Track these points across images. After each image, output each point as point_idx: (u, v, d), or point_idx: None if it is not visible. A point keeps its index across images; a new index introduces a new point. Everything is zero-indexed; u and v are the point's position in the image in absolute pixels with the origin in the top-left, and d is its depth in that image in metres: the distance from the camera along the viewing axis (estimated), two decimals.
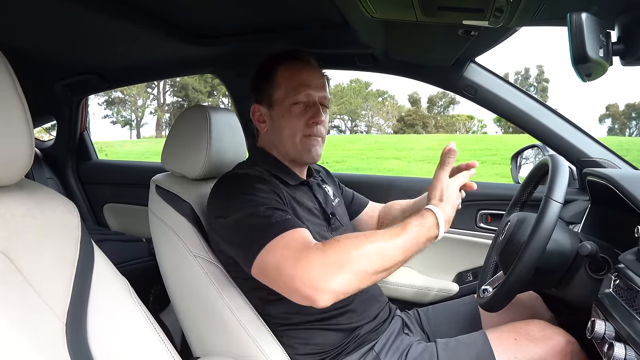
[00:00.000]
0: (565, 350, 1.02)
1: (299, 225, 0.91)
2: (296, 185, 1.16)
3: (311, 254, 0.82)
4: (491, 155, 15.46)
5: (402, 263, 0.88)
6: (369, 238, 0.86)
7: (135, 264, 1.86)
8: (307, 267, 0.81)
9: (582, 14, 0.62)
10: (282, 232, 0.87)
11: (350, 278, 0.82)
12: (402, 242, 0.87)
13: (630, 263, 0.88)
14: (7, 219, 0.71)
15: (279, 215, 0.91)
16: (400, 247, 0.87)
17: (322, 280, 0.80)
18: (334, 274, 0.80)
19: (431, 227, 0.91)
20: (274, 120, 1.15)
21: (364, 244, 0.84)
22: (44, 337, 0.68)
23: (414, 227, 0.89)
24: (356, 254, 0.83)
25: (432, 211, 0.93)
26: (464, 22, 0.95)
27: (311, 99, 1.12)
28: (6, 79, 0.68)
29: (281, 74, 1.14)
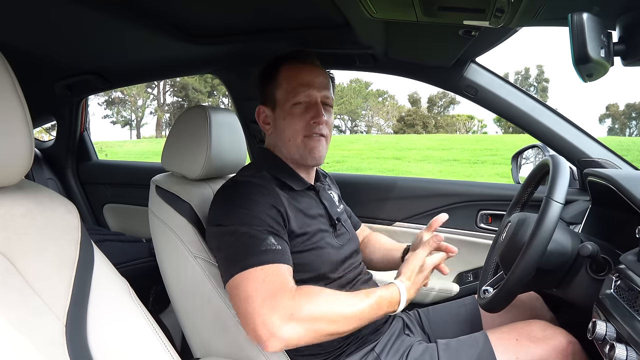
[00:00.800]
0: (567, 350, 1.02)
1: (284, 261, 0.94)
2: (303, 190, 1.15)
3: (283, 297, 0.87)
4: (491, 155, 15.47)
5: (354, 329, 0.95)
6: (337, 299, 0.93)
7: (135, 265, 1.86)
8: (273, 309, 0.86)
9: (583, 14, 0.62)
10: (266, 263, 0.90)
11: (306, 335, 0.87)
12: (364, 312, 0.94)
13: (631, 264, 0.88)
14: (7, 220, 0.71)
15: (270, 243, 0.93)
16: (360, 317, 0.93)
17: (280, 327, 0.85)
18: (293, 326, 0.86)
19: (392, 304, 0.99)
20: (277, 122, 1.15)
21: (330, 305, 0.91)
22: (44, 338, 0.68)
23: (379, 299, 0.96)
24: (321, 313, 0.89)
25: (397, 288, 1.00)
26: (465, 22, 0.95)
27: (312, 98, 1.11)
28: (6, 79, 0.68)
29: (283, 75, 1.13)
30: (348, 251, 1.16)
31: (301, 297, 0.88)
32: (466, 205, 1.68)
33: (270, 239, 0.94)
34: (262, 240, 0.93)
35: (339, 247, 1.13)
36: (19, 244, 0.71)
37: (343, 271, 1.12)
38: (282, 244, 0.96)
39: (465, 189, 1.71)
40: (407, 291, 1.00)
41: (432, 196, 1.72)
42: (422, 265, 1.04)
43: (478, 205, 1.67)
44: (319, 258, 1.07)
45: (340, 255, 1.12)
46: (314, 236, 1.07)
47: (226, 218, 0.99)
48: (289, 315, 0.86)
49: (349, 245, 1.17)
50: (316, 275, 1.06)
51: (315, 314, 0.88)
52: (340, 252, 1.13)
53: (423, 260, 1.04)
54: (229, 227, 0.97)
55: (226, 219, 0.99)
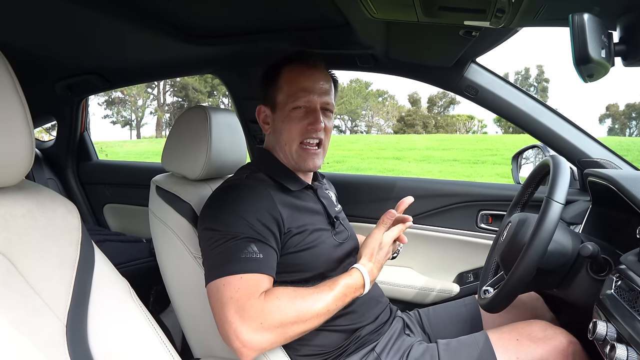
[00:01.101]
0: (567, 350, 1.02)
1: (263, 270, 0.94)
2: (300, 190, 1.15)
3: (253, 306, 0.88)
4: (491, 156, 15.46)
5: (325, 320, 0.95)
6: (303, 301, 0.92)
7: (136, 265, 1.86)
8: (244, 319, 0.87)
9: (584, 14, 0.62)
10: (244, 272, 0.91)
11: (277, 341, 0.90)
12: (331, 303, 0.95)
13: (631, 264, 0.88)
14: (8, 220, 0.71)
15: (251, 251, 0.94)
16: (327, 309, 0.94)
17: (251, 338, 0.86)
18: (263, 334, 0.87)
19: (358, 288, 0.99)
20: (276, 123, 1.15)
21: (298, 307, 0.91)
22: (45, 338, 0.68)
23: (343, 288, 0.97)
24: (289, 318, 0.89)
25: (360, 272, 1.00)
26: (466, 22, 0.95)
27: (312, 104, 1.11)
28: (6, 79, 0.68)
29: (284, 77, 1.13)
30: (346, 249, 1.16)
31: (270, 303, 0.89)
32: (466, 206, 1.68)
33: (252, 247, 0.94)
34: (244, 247, 0.94)
35: (337, 245, 1.13)
36: (20, 244, 0.71)
37: (342, 269, 1.12)
38: (265, 250, 0.96)
39: (466, 189, 1.71)
40: (370, 272, 1.01)
41: (433, 196, 1.72)
42: (380, 243, 1.04)
43: (478, 205, 1.67)
44: (318, 256, 1.07)
45: (338, 253, 1.12)
46: (312, 234, 1.07)
47: (214, 222, 0.99)
48: (258, 324, 0.87)
49: (347, 243, 1.17)
50: (315, 274, 1.06)
51: (284, 319, 0.89)
52: (339, 250, 1.13)
53: (380, 239, 1.04)
54: (215, 231, 0.97)
55: (214, 222, 0.99)
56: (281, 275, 1.02)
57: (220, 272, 0.92)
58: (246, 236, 0.95)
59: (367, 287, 1.00)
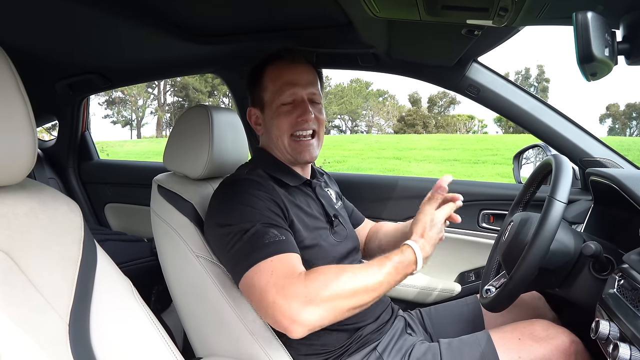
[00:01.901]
0: (569, 350, 1.02)
1: (290, 249, 0.93)
2: (298, 186, 1.15)
3: (294, 284, 0.86)
4: (492, 155, 15.45)
5: (377, 298, 0.93)
6: (350, 275, 0.89)
7: (137, 264, 1.86)
8: (288, 297, 0.84)
9: (588, 13, 0.61)
10: (272, 255, 0.90)
11: (327, 314, 0.86)
12: (381, 278, 0.91)
13: (634, 263, 0.88)
14: (10, 219, 0.71)
15: (273, 235, 0.93)
16: (378, 284, 0.91)
17: (299, 313, 0.84)
18: (312, 309, 0.84)
19: (409, 264, 0.96)
20: (266, 122, 1.16)
21: (344, 282, 0.88)
22: (47, 337, 0.68)
23: (393, 264, 0.94)
24: (336, 291, 0.86)
25: (411, 248, 0.97)
26: (468, 21, 0.95)
27: (298, 96, 1.12)
28: (9, 78, 0.68)
29: (268, 76, 1.14)
30: (346, 248, 1.16)
31: (314, 280, 0.87)
32: (468, 205, 1.68)
33: (272, 231, 0.94)
34: (265, 234, 0.93)
35: (335, 244, 1.13)
36: (22, 243, 0.71)
37: None
38: (285, 234, 0.96)
39: (467, 189, 1.71)
40: (422, 249, 0.97)
41: None
42: (432, 220, 1.00)
43: (480, 204, 1.67)
44: (316, 255, 1.07)
45: (337, 252, 1.12)
46: (311, 233, 1.07)
47: (226, 217, 0.99)
48: (306, 300, 0.84)
49: (346, 243, 1.17)
50: None
51: (333, 293, 0.86)
52: (337, 249, 1.13)
53: (432, 215, 1.01)
54: (230, 226, 0.97)
55: (226, 218, 0.99)
56: None
57: (249, 263, 0.90)
58: (263, 223, 0.95)
59: (419, 264, 0.96)
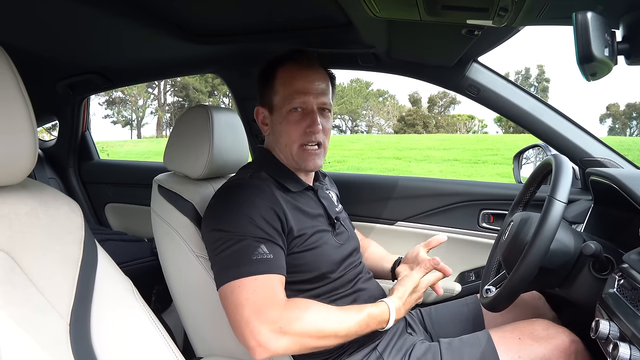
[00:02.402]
0: (569, 349, 1.02)
1: (276, 270, 0.95)
2: (301, 191, 1.15)
3: (271, 309, 0.89)
4: (492, 155, 15.45)
5: (341, 342, 0.96)
6: (324, 316, 0.94)
7: (138, 264, 1.86)
8: (262, 320, 0.88)
9: (588, 13, 0.62)
10: (258, 273, 0.92)
11: (293, 347, 0.90)
12: (352, 328, 0.95)
13: (634, 263, 0.88)
14: (11, 219, 0.71)
15: (262, 252, 0.94)
16: (347, 332, 0.95)
17: (267, 339, 0.87)
18: (280, 338, 0.88)
19: (382, 322, 1.00)
20: (274, 125, 1.15)
21: (317, 322, 0.92)
22: (48, 337, 0.68)
23: (367, 317, 0.97)
24: (307, 329, 0.90)
25: (388, 308, 1.01)
26: (468, 21, 0.95)
27: (308, 106, 1.10)
28: (10, 78, 0.68)
29: (279, 79, 1.12)
30: (347, 250, 1.16)
31: (291, 311, 0.91)
32: (468, 205, 1.68)
33: (262, 248, 0.95)
34: (255, 248, 0.94)
35: (338, 246, 1.13)
36: (23, 243, 0.71)
37: (343, 270, 1.12)
38: (274, 250, 0.97)
39: (467, 189, 1.71)
40: (397, 311, 1.01)
41: (434, 196, 1.72)
42: (416, 287, 1.05)
43: (480, 204, 1.67)
44: (319, 257, 1.07)
45: (339, 254, 1.12)
46: (312, 236, 1.07)
47: (221, 222, 0.99)
48: (277, 328, 0.88)
49: (348, 244, 1.17)
50: (316, 275, 1.07)
51: (304, 329, 0.90)
52: (340, 251, 1.13)
53: (418, 282, 1.05)
54: (223, 232, 0.97)
55: (221, 222, 0.99)
56: None
57: (234, 274, 0.92)
58: (255, 236, 0.96)
59: (390, 323, 1.00)
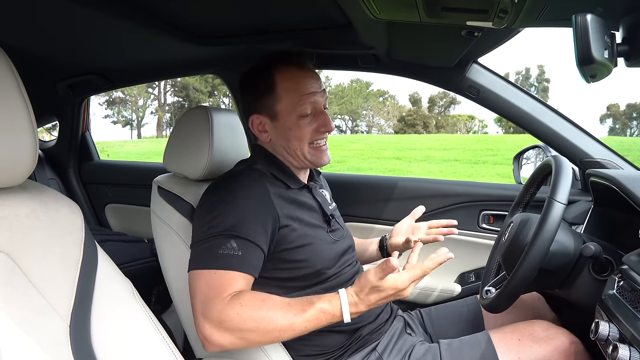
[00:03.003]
0: (569, 350, 1.02)
1: (239, 268, 0.93)
2: (297, 189, 1.15)
3: (214, 306, 0.88)
4: (492, 156, 15.44)
5: (293, 336, 0.91)
6: (267, 313, 0.89)
7: (137, 265, 1.86)
8: (205, 315, 0.89)
9: (587, 15, 0.62)
10: (217, 268, 0.92)
11: (238, 342, 0.89)
12: (298, 324, 0.90)
13: (634, 264, 0.88)
14: (12, 220, 0.71)
15: (230, 247, 0.93)
16: (294, 329, 0.90)
17: (210, 334, 0.88)
18: (222, 334, 0.88)
19: (335, 315, 0.91)
20: (280, 131, 1.11)
21: (260, 319, 0.88)
22: (48, 338, 0.68)
23: (317, 312, 0.90)
24: (249, 326, 0.88)
25: (339, 301, 0.92)
26: (468, 23, 0.95)
27: (318, 107, 1.11)
28: (10, 79, 0.68)
29: (281, 85, 1.08)
30: (343, 247, 1.16)
31: (231, 309, 0.88)
32: (468, 206, 1.68)
33: (231, 243, 0.93)
34: (223, 243, 0.93)
35: (333, 242, 1.13)
36: (23, 244, 0.71)
37: (339, 267, 1.12)
38: (247, 248, 0.94)
39: (467, 189, 1.71)
40: (353, 305, 0.91)
41: (434, 196, 1.72)
42: (373, 287, 0.90)
43: (480, 205, 1.67)
44: (314, 253, 1.07)
45: (335, 250, 1.12)
46: (308, 228, 1.07)
47: (204, 212, 1.01)
48: (218, 323, 0.88)
49: (343, 241, 1.17)
50: (312, 271, 1.06)
51: (244, 325, 0.87)
52: (335, 248, 1.13)
53: (372, 282, 0.89)
54: (203, 222, 0.99)
55: (204, 213, 1.01)
56: (278, 272, 1.03)
57: (197, 264, 0.94)
58: (230, 233, 0.94)
59: (346, 317, 0.91)
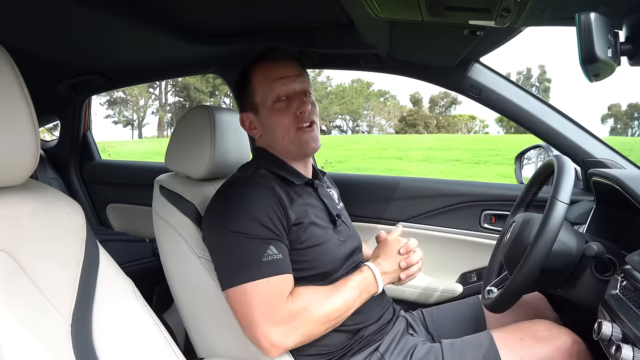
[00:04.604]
0: (572, 350, 1.01)
1: (285, 270, 0.97)
2: (301, 185, 1.15)
3: (279, 311, 0.93)
4: (493, 156, 15.45)
5: (345, 318, 1.01)
6: (328, 302, 0.98)
7: (139, 264, 1.86)
8: (273, 323, 0.92)
9: (591, 14, 0.62)
10: (267, 275, 0.94)
11: (303, 340, 0.96)
12: (351, 304, 1.01)
13: (637, 264, 0.88)
14: (13, 220, 0.71)
15: (271, 253, 0.96)
16: (348, 306, 1.00)
17: (280, 340, 0.92)
18: (290, 337, 0.93)
19: (371, 284, 1.05)
20: (264, 124, 1.14)
21: (323, 310, 0.96)
22: (50, 337, 0.69)
23: (358, 284, 1.03)
24: (315, 320, 0.95)
25: (370, 269, 1.07)
26: (470, 22, 0.95)
27: (290, 90, 1.11)
28: (12, 79, 0.68)
29: (255, 78, 1.13)
30: (350, 248, 1.16)
31: (298, 307, 0.94)
32: (470, 206, 1.68)
33: (271, 249, 0.96)
34: (264, 250, 0.95)
35: (340, 244, 1.13)
36: (25, 244, 0.71)
37: (346, 269, 1.12)
38: (282, 250, 0.98)
39: (469, 189, 1.71)
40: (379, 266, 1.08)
41: (436, 196, 1.72)
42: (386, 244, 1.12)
43: (482, 205, 1.67)
44: (322, 254, 1.07)
45: (342, 251, 1.12)
46: (315, 228, 1.07)
47: (226, 222, 0.99)
48: (287, 327, 0.92)
49: (350, 242, 1.17)
50: (319, 272, 1.06)
51: (312, 320, 0.95)
52: (342, 249, 1.13)
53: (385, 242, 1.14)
54: (230, 232, 0.97)
55: (226, 222, 0.99)
56: None
57: (244, 278, 0.94)
58: (263, 237, 0.96)
59: (380, 284, 1.06)
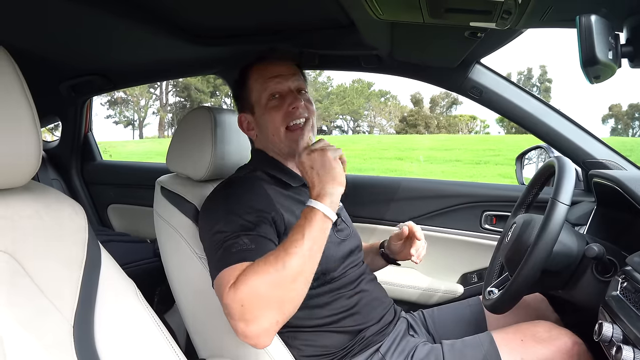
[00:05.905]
0: (572, 351, 1.01)
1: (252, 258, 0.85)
2: (299, 187, 1.15)
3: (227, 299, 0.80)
4: (494, 156, 15.44)
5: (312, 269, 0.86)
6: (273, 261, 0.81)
7: (140, 265, 1.87)
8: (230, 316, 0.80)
9: (591, 16, 0.62)
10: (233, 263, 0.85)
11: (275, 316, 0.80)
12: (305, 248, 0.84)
13: (637, 265, 0.88)
14: (15, 221, 0.71)
15: (242, 244, 0.89)
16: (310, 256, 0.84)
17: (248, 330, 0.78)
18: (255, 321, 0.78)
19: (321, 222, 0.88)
20: (258, 122, 1.16)
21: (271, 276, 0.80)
22: (52, 338, 0.69)
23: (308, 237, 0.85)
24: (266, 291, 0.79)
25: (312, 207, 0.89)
26: (471, 23, 0.95)
27: (284, 87, 1.12)
28: (14, 80, 0.68)
29: (251, 78, 1.16)
30: (349, 247, 1.15)
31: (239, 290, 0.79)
32: (470, 206, 1.68)
33: (242, 240, 0.90)
34: (235, 242, 0.90)
35: (338, 243, 1.13)
36: (27, 245, 0.71)
37: (344, 268, 1.12)
38: (260, 241, 0.91)
39: (470, 190, 1.71)
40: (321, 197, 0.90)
41: (437, 197, 1.72)
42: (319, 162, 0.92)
43: (482, 206, 1.67)
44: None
45: (341, 251, 1.12)
46: None
47: (211, 222, 0.99)
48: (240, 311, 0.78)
49: (349, 241, 1.17)
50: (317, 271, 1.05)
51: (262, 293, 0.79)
52: (341, 248, 1.12)
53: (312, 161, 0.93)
54: (215, 233, 0.95)
55: (211, 222, 0.98)
56: None
57: (216, 271, 0.88)
58: (239, 233, 0.92)
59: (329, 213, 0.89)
